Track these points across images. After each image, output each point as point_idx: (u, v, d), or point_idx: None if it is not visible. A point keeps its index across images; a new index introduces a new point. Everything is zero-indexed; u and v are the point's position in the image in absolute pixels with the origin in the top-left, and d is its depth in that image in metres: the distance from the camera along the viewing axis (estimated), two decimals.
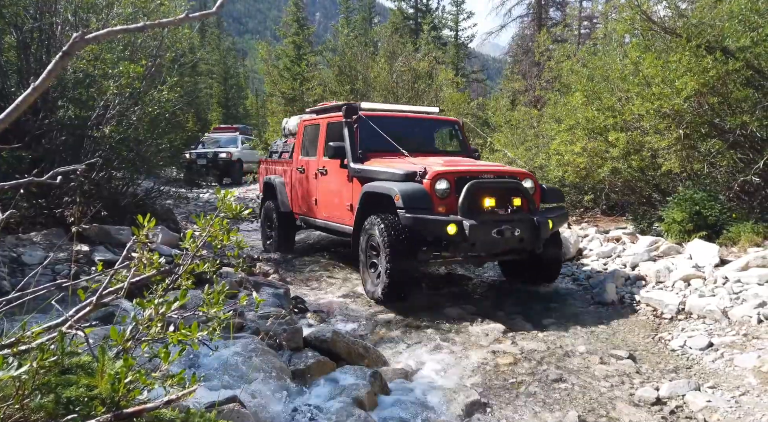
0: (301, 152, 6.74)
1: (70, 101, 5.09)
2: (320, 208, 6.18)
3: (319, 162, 6.16)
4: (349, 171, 5.37)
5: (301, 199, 6.67)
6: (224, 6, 1.31)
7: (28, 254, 4.02)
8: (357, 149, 5.40)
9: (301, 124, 6.89)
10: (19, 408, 1.17)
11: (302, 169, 6.57)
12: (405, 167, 4.78)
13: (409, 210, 4.36)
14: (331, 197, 5.91)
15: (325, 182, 6.03)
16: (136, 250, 1.75)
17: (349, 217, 5.39)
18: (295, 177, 6.78)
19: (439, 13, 29.09)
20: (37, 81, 1.05)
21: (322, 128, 6.20)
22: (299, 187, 6.71)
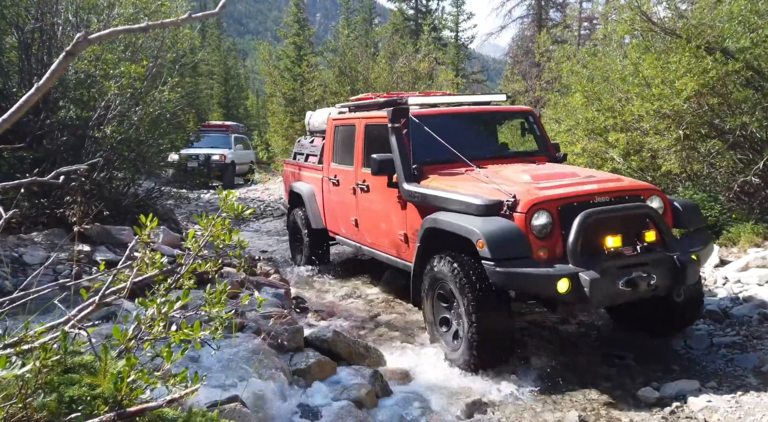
0: (332, 158, 5.41)
1: (72, 102, 5.10)
2: (362, 231, 4.94)
3: (358, 175, 4.83)
4: (403, 194, 4.07)
5: (337, 216, 5.44)
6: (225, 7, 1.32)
7: (29, 254, 4.03)
8: (410, 164, 4.06)
9: (330, 123, 5.53)
10: (23, 407, 1.18)
11: (335, 180, 5.27)
12: (483, 192, 3.51)
13: (500, 262, 3.08)
14: (376, 220, 4.69)
15: (367, 201, 4.75)
16: (139, 250, 1.75)
17: (403, 249, 4.29)
18: (328, 188, 5.49)
19: (439, 14, 29.11)
20: (40, 81, 1.05)
21: (359, 130, 4.88)
22: (334, 201, 5.45)
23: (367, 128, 4.78)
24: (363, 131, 4.82)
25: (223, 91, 32.99)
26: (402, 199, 4.14)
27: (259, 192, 15.34)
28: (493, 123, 5.10)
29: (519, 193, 3.33)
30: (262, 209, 11.82)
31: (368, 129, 4.77)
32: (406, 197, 4.04)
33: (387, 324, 4.40)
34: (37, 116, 4.79)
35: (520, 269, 3.08)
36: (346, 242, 5.45)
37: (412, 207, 4.06)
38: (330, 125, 5.55)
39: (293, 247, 6.54)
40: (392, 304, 4.89)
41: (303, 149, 6.64)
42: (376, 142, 4.54)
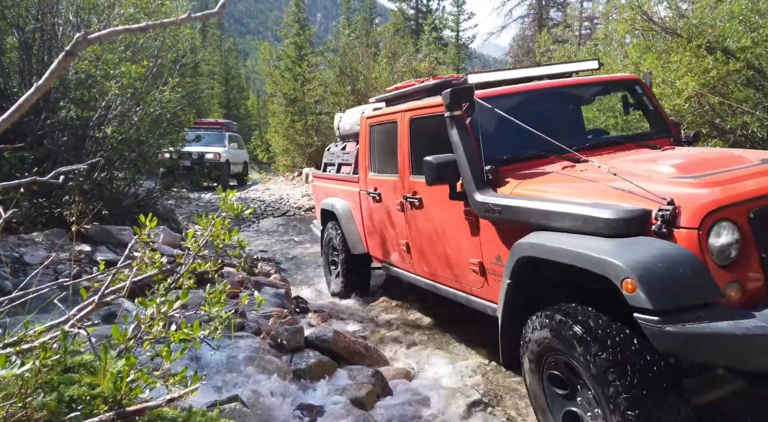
0: (370, 167, 4.39)
1: (72, 102, 5.11)
2: (416, 259, 3.87)
3: (406, 185, 3.77)
4: (473, 207, 2.88)
5: (382, 239, 4.39)
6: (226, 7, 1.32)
7: (29, 253, 4.03)
8: (481, 164, 2.89)
9: (364, 123, 4.49)
10: (22, 406, 1.18)
11: (375, 194, 4.25)
12: (607, 197, 2.31)
13: (672, 316, 1.84)
14: (434, 245, 3.56)
15: (421, 219, 3.65)
16: (138, 249, 1.75)
17: (478, 283, 3.13)
18: (368, 205, 4.48)
19: (440, 13, 29.13)
20: (40, 81, 1.05)
21: (403, 127, 3.81)
22: (376, 221, 4.42)
23: (414, 124, 3.69)
24: (408, 127, 3.74)
25: (223, 92, 33.06)
26: (473, 215, 2.96)
27: (260, 192, 15.36)
28: (586, 100, 3.91)
29: (676, 195, 2.07)
30: (263, 209, 11.83)
31: (415, 124, 3.69)
32: (480, 212, 2.80)
33: (387, 323, 4.40)
34: (37, 116, 4.79)
35: (708, 325, 1.81)
36: (395, 271, 4.31)
37: (489, 226, 2.87)
38: (364, 125, 4.47)
39: (328, 272, 5.51)
40: (392, 304, 4.89)
41: (333, 158, 5.59)
42: (426, 141, 3.55)
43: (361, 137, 4.59)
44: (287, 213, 11.65)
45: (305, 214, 11.66)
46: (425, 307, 4.79)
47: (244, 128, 32.44)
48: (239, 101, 35.00)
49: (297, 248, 8.00)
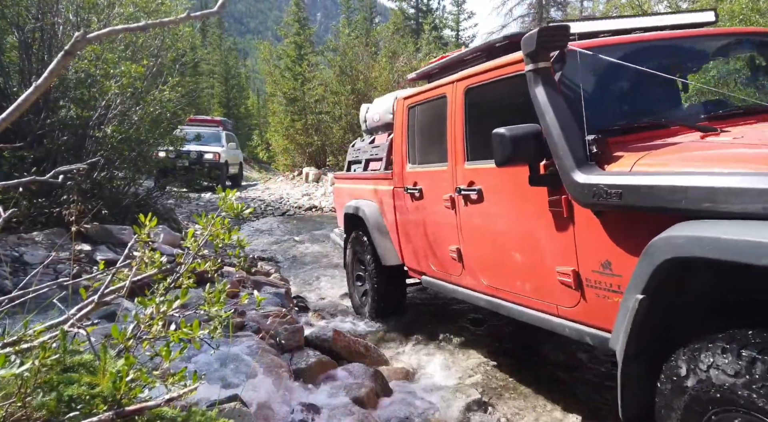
0: (408, 157, 3.73)
1: (72, 101, 5.11)
2: (470, 269, 3.10)
3: (459, 175, 3.05)
4: (572, 193, 2.10)
5: (423, 246, 3.63)
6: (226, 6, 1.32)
7: (29, 253, 4.03)
8: (583, 133, 2.13)
9: (400, 106, 3.84)
10: (21, 406, 1.18)
11: (415, 190, 3.56)
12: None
13: None
14: (499, 248, 2.82)
15: (479, 216, 2.94)
16: (138, 249, 1.75)
17: (570, 300, 2.33)
18: (404, 204, 3.77)
19: (440, 13, 29.15)
20: (39, 80, 1.05)
21: (455, 101, 3.09)
22: (414, 222, 3.70)
23: (471, 95, 2.96)
24: (462, 100, 3.00)
25: (223, 91, 33.05)
26: (564, 205, 2.23)
27: (259, 191, 15.36)
28: (708, 57, 3.03)
29: None
30: (263, 209, 11.84)
31: (473, 95, 2.95)
32: (582, 198, 2.00)
33: (387, 323, 4.40)
34: (37, 115, 4.79)
35: None
36: (440, 286, 3.51)
37: (591, 219, 2.08)
38: (400, 108, 3.81)
39: (354, 290, 4.63)
40: None
41: (360, 154, 4.88)
42: (489, 115, 2.84)
43: (396, 123, 3.89)
44: (287, 213, 11.65)
45: (305, 213, 11.67)
46: (424, 307, 4.79)
47: (244, 128, 32.46)
48: (239, 101, 35.00)
49: (297, 247, 8.00)
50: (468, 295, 3.20)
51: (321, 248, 7.86)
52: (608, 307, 2.07)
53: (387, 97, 4.53)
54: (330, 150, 16.93)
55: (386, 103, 4.40)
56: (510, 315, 2.83)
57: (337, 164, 16.45)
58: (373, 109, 4.73)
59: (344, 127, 16.27)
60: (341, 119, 16.34)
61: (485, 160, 2.64)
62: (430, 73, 3.73)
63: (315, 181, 15.57)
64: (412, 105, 3.70)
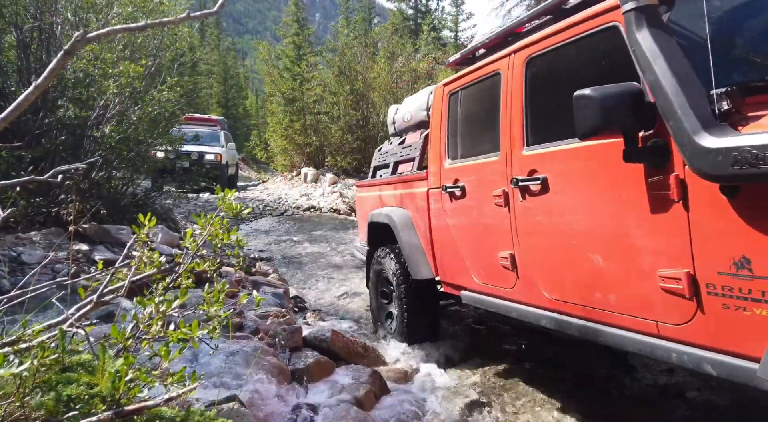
0: (447, 152, 3.25)
1: (70, 101, 5.10)
2: (529, 280, 2.55)
3: (516, 164, 2.56)
4: (699, 164, 1.51)
5: (462, 254, 3.10)
6: (225, 6, 1.32)
7: (27, 253, 4.02)
8: (708, 85, 1.58)
9: (439, 94, 3.39)
10: (20, 405, 1.17)
11: (456, 188, 3.06)
12: None
13: None
14: (570, 251, 2.26)
15: (543, 212, 2.40)
16: (137, 249, 1.75)
17: (674, 314, 1.79)
18: (440, 207, 3.28)
19: (439, 13, 29.19)
20: (38, 79, 1.05)
21: (512, 76, 2.62)
22: (454, 228, 3.15)
23: (535, 65, 2.46)
24: (522, 74, 2.52)
25: (222, 91, 33.05)
26: (676, 185, 1.73)
27: (258, 192, 15.36)
28: None
29: None
30: (261, 209, 11.84)
31: (538, 65, 2.45)
32: (713, 168, 1.49)
33: None
34: (35, 115, 4.79)
35: None
36: (486, 301, 2.93)
37: (716, 201, 1.61)
38: (439, 97, 3.37)
39: (377, 311, 4.10)
40: None
41: (387, 157, 4.44)
42: (559, 85, 2.32)
43: (434, 114, 3.45)
44: (285, 213, 11.65)
45: (303, 214, 11.67)
46: None
47: (242, 128, 32.45)
48: (238, 101, 35.00)
49: (295, 247, 8.00)
50: (524, 312, 2.58)
51: (319, 248, 7.87)
52: (745, 322, 1.54)
53: (420, 94, 4.13)
54: (328, 150, 16.93)
55: (419, 101, 4.01)
56: (584, 337, 2.20)
57: (336, 165, 16.45)
58: (403, 108, 4.32)
59: (343, 127, 16.27)
60: (340, 120, 16.34)
61: (553, 142, 2.26)
62: (474, 52, 3.21)
63: (313, 181, 15.57)
64: (454, 91, 3.22)
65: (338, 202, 12.63)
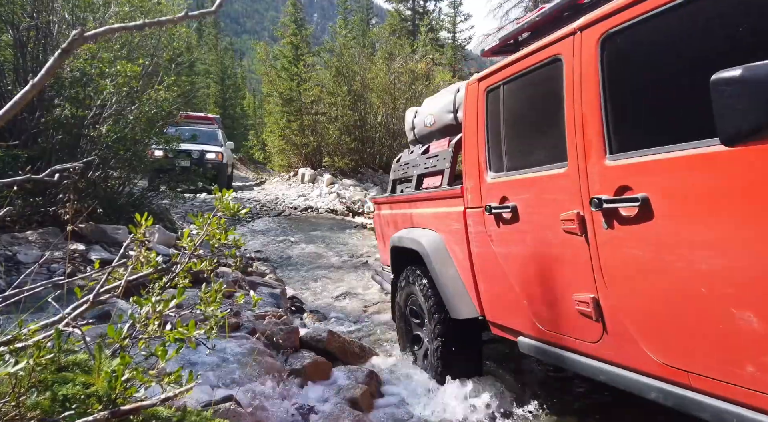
0: (488, 165, 2.61)
1: (67, 100, 5.09)
2: (622, 332, 1.84)
3: (592, 179, 1.87)
4: None
5: (517, 291, 2.45)
6: (223, 5, 1.32)
7: (23, 252, 4.01)
8: None
9: (473, 92, 2.77)
10: (15, 405, 1.17)
11: (504, 209, 2.42)
12: None
13: None
14: (699, 299, 1.52)
15: (640, 242, 1.69)
16: (134, 248, 1.75)
17: None
18: (482, 231, 2.64)
19: (437, 14, 29.23)
20: (36, 78, 1.05)
21: (579, 61, 1.94)
22: (502, 257, 2.53)
23: (615, 42, 1.82)
24: (597, 56, 1.86)
25: (219, 91, 33.01)
26: None
27: (255, 192, 15.34)
28: None
29: None
30: (258, 209, 11.82)
31: (619, 43, 1.81)
32: None
33: (382, 324, 4.40)
34: (32, 114, 4.77)
35: None
36: (557, 354, 2.25)
37: None
38: (473, 95, 2.75)
39: (407, 351, 3.51)
40: (387, 305, 4.89)
41: (409, 168, 3.75)
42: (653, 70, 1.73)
43: (467, 117, 2.79)
44: (283, 213, 11.64)
45: (300, 214, 11.66)
46: None
47: (240, 128, 32.41)
48: (235, 101, 34.96)
49: (293, 248, 7.99)
50: (620, 378, 1.88)
51: (316, 248, 7.86)
52: None
53: (444, 94, 3.49)
54: (326, 151, 16.92)
55: (443, 101, 3.37)
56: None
57: (333, 165, 16.44)
58: (424, 111, 3.68)
59: (340, 128, 16.27)
60: (337, 120, 16.34)
61: (656, 147, 1.61)
62: (517, 36, 2.55)
63: (311, 182, 15.56)
64: (493, 86, 2.55)
65: (335, 202, 12.62)
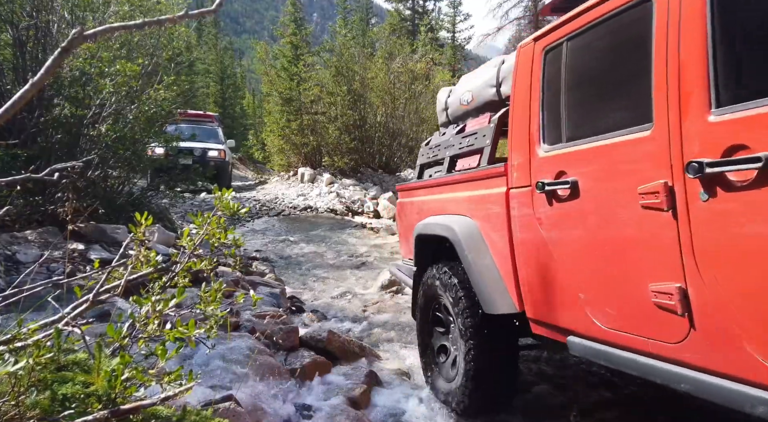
0: (542, 136, 2.26)
1: (66, 99, 5.08)
2: (715, 330, 1.50)
3: (689, 139, 1.55)
4: None
5: (571, 281, 2.06)
6: (222, 5, 1.32)
7: (22, 252, 4.00)
8: None
9: (527, 54, 2.44)
10: (15, 404, 1.17)
11: (561, 185, 2.05)
12: None
13: None
14: None
15: (762, 215, 1.33)
16: (133, 248, 1.75)
17: None
18: (529, 213, 2.28)
19: (436, 14, 29.24)
20: (35, 77, 1.05)
21: (680, 1, 1.58)
22: (552, 241, 2.15)
23: None
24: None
25: (219, 90, 32.99)
26: None
27: (254, 191, 15.33)
28: None
29: None
30: (258, 209, 11.81)
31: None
32: None
33: (382, 323, 4.40)
34: (31, 113, 4.77)
35: None
36: (619, 357, 1.87)
37: None
38: (527, 57, 2.43)
39: (428, 357, 3.10)
40: (387, 304, 4.89)
41: (440, 151, 3.44)
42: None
43: (518, 83, 2.44)
44: (282, 213, 11.63)
45: (300, 214, 11.65)
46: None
47: (239, 127, 32.40)
48: (235, 100, 34.95)
49: (292, 247, 7.99)
50: (710, 387, 1.53)
51: (316, 248, 7.86)
52: None
53: (484, 68, 3.16)
54: (325, 151, 16.92)
55: (484, 75, 3.07)
56: None
57: (333, 165, 16.44)
58: (460, 88, 3.37)
59: (340, 127, 16.26)
60: (337, 120, 16.33)
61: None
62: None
63: (310, 181, 15.55)
64: (554, 45, 2.24)
65: (335, 202, 12.62)
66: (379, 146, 16.57)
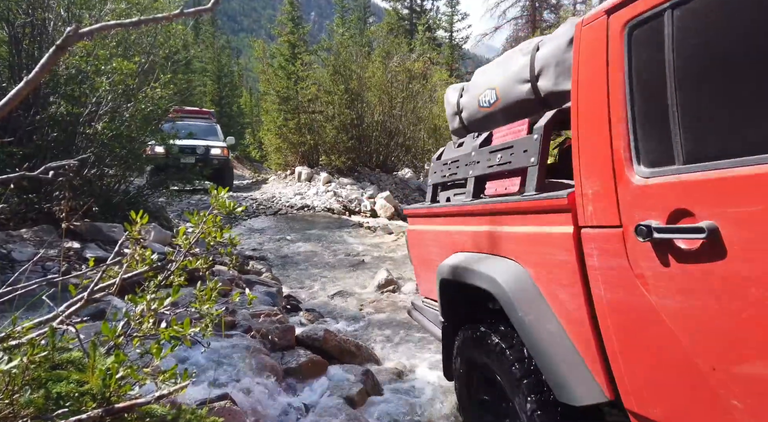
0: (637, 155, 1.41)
1: (62, 97, 5.06)
2: None
3: None
4: None
5: (713, 379, 1.20)
6: (219, 3, 1.31)
7: (17, 250, 3.99)
8: None
9: (602, 32, 1.52)
10: (9, 403, 1.17)
11: (686, 234, 1.23)
12: None
13: None
14: None
15: None
16: (129, 246, 1.74)
17: None
18: (625, 270, 1.41)
19: (434, 13, 29.23)
20: (30, 75, 1.05)
21: None
22: (673, 318, 1.29)
23: None
24: None
25: (216, 89, 32.91)
26: None
27: (252, 190, 15.30)
28: None
29: None
30: (254, 208, 11.79)
31: None
32: None
33: (378, 323, 4.40)
34: (27, 111, 4.75)
35: None
36: None
37: None
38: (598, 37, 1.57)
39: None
40: (384, 304, 4.89)
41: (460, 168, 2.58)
42: None
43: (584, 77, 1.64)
44: (279, 212, 11.61)
45: (297, 213, 11.64)
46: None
47: (236, 126, 32.32)
48: (232, 99, 34.85)
49: (289, 246, 7.98)
50: None
51: (313, 247, 7.85)
52: None
53: (511, 57, 2.40)
54: (323, 150, 16.90)
55: (512, 67, 2.33)
56: None
57: (330, 164, 16.42)
58: (478, 85, 2.61)
59: (337, 126, 16.25)
60: (334, 119, 16.31)
61: None
62: None
63: (307, 180, 15.54)
64: (646, 17, 1.41)
65: (332, 201, 12.61)
66: (377, 145, 16.56)
